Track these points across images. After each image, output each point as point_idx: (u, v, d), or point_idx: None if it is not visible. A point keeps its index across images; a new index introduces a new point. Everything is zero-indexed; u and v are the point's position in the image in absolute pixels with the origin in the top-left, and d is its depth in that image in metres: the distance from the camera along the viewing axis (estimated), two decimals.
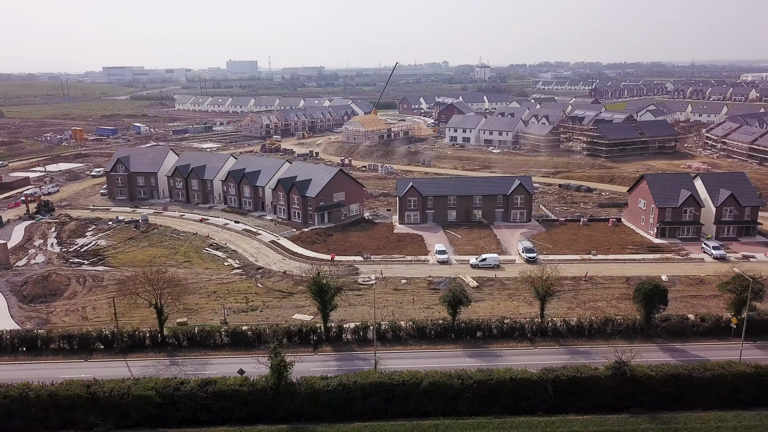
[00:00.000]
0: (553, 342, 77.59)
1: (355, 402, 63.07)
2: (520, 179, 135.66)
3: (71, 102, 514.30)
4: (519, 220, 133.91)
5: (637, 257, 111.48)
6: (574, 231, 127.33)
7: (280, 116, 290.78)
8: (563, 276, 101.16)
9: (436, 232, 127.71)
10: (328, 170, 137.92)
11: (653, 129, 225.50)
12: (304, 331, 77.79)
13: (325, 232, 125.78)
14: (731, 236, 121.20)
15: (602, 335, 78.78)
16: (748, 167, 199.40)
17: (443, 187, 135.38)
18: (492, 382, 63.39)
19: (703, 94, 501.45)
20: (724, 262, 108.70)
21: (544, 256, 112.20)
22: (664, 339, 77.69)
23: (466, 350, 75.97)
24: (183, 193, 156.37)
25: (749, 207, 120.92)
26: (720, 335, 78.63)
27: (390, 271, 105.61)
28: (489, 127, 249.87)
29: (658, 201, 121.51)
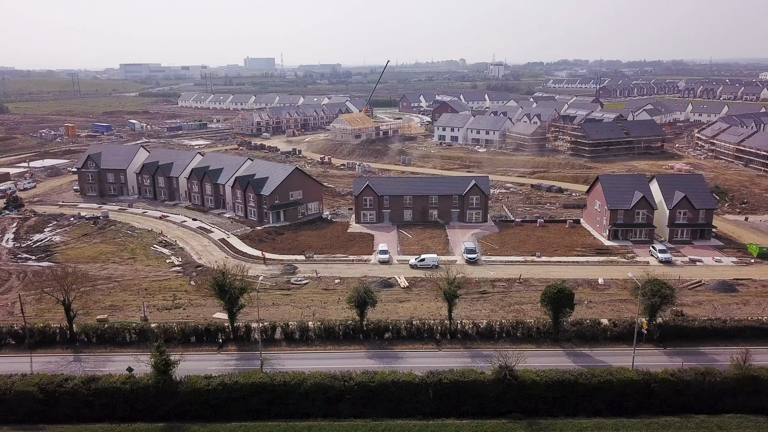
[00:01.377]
0: (459, 345, 76.94)
1: (237, 402, 63.18)
2: (475, 179, 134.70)
3: (80, 98, 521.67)
4: (475, 221, 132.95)
5: (581, 259, 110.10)
6: (528, 232, 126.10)
7: (272, 114, 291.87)
8: (498, 278, 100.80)
9: (389, 231, 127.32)
10: (284, 168, 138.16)
11: (640, 129, 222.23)
12: (213, 330, 77.97)
13: (276, 231, 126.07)
14: (685, 239, 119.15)
15: (511, 339, 77.86)
16: (733, 168, 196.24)
17: (399, 187, 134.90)
18: (373, 385, 63.08)
19: (714, 93, 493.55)
20: (669, 265, 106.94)
21: (486, 257, 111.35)
22: (573, 344, 76.60)
23: (371, 351, 75.64)
24: (150, 190, 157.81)
25: (704, 210, 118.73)
26: (630, 340, 77.18)
27: (328, 270, 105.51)
28: (476, 126, 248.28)
29: (610, 203, 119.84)
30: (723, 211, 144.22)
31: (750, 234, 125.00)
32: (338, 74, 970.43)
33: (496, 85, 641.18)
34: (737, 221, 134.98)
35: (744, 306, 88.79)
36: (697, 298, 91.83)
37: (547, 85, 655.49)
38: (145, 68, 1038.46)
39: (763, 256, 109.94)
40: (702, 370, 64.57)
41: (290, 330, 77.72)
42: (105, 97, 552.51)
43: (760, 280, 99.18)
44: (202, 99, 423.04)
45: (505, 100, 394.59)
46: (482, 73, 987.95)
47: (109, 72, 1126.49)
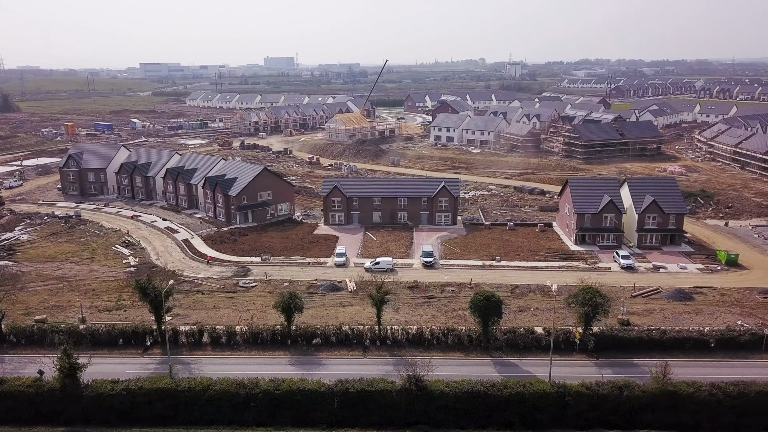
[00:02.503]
0: (387, 352, 75.23)
1: (142, 407, 62.37)
2: (444, 182, 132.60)
3: (93, 97, 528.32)
4: (444, 223, 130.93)
5: (541, 264, 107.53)
6: (495, 236, 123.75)
7: (270, 113, 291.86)
8: (450, 282, 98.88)
9: (356, 234, 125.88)
10: (253, 169, 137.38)
11: (636, 130, 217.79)
12: (140, 333, 77.29)
13: (239, 232, 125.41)
14: (654, 244, 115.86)
15: (441, 346, 76.02)
16: (729, 171, 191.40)
17: (368, 188, 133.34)
18: (278, 393, 61.79)
19: (730, 93, 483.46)
20: (631, 272, 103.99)
21: (444, 261, 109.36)
22: (504, 353, 74.44)
23: (295, 358, 74.34)
24: (129, 189, 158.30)
25: (674, 215, 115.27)
26: (564, 350, 74.93)
27: (281, 273, 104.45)
28: (471, 127, 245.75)
29: (577, 206, 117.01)
30: (705, 216, 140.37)
31: (725, 240, 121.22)
32: (354, 74, 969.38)
33: (509, 84, 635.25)
34: (716, 226, 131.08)
35: (696, 316, 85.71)
36: (650, 307, 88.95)
37: (562, 85, 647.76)
38: (164, 68, 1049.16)
39: (731, 263, 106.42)
40: (620, 384, 62.14)
41: (217, 334, 76.63)
42: (119, 96, 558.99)
43: (721, 288, 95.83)
44: (210, 98, 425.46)
45: (511, 100, 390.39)
46: (499, 73, 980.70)
47: (130, 71, 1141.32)
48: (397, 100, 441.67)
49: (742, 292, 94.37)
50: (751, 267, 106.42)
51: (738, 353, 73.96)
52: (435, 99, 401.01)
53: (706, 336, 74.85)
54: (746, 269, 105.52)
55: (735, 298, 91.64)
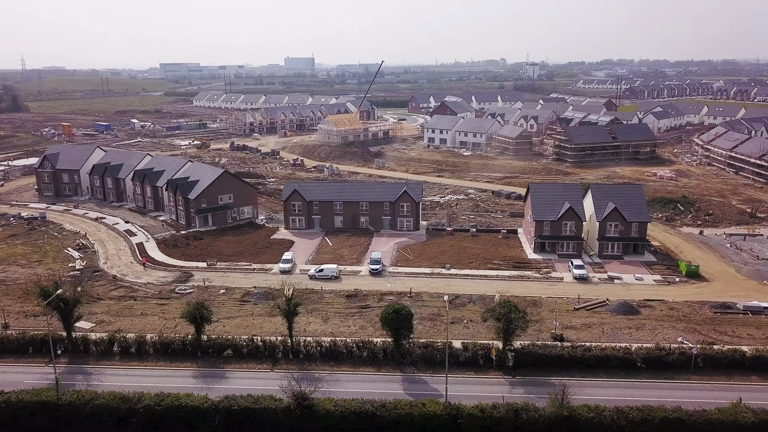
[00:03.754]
0: (296, 365, 72.43)
1: (23, 420, 60.49)
2: (406, 186, 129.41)
3: (105, 97, 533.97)
4: (406, 229, 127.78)
5: (491, 273, 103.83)
6: (455, 242, 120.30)
7: (266, 114, 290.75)
8: (390, 291, 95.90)
9: (313, 239, 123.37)
10: (214, 171, 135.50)
11: (629, 133, 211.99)
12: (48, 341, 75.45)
13: (194, 236, 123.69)
14: (616, 254, 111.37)
15: (354, 360, 73.04)
16: (722, 176, 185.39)
17: (329, 192, 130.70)
18: (160, 408, 59.45)
19: (748, 94, 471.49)
20: (584, 282, 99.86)
21: (393, 269, 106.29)
22: (417, 368, 71.18)
23: (201, 370, 71.95)
24: (101, 191, 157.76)
25: (636, 223, 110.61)
26: (482, 367, 71.49)
27: (222, 279, 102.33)
28: (464, 129, 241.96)
29: (536, 213, 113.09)
30: (682, 223, 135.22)
31: (694, 250, 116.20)
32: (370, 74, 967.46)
33: (522, 85, 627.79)
34: (690, 235, 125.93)
35: (636, 331, 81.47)
36: (590, 320, 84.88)
37: (577, 86, 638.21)
38: (183, 68, 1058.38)
39: (691, 274, 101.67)
40: (518, 406, 58.62)
41: (127, 344, 74.61)
42: (132, 96, 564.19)
43: (672, 302, 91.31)
44: (215, 99, 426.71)
45: (518, 100, 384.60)
46: (517, 73, 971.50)
47: (151, 72, 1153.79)
48: (402, 101, 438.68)
49: (693, 306, 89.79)
50: (713, 279, 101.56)
51: (665, 373, 69.76)
52: (439, 100, 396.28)
53: (632, 354, 70.68)
54: (706, 281, 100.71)
55: (684, 313, 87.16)
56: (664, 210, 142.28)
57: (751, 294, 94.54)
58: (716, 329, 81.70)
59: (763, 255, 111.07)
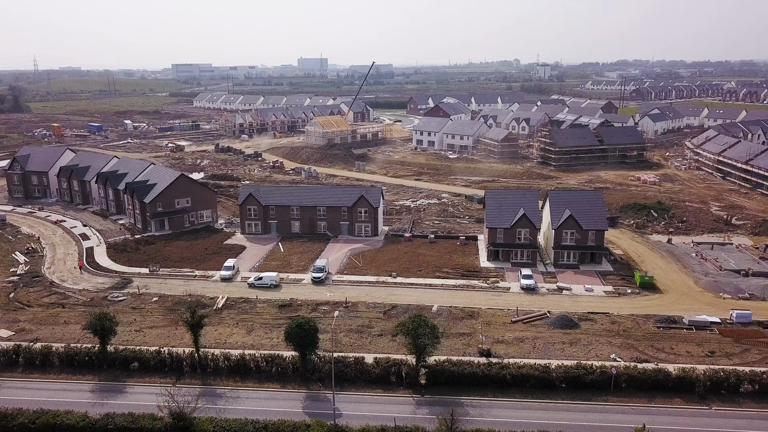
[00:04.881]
0: (199, 380, 69.63)
1: None
2: (363, 191, 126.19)
3: (109, 98, 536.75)
4: (364, 234, 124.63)
5: (437, 282, 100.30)
6: (410, 249, 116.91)
7: (256, 115, 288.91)
8: (326, 301, 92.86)
9: (266, 244, 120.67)
10: (171, 174, 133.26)
11: (617, 137, 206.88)
12: None
13: (146, 240, 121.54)
14: (572, 263, 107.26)
15: (261, 375, 70.08)
16: (709, 181, 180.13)
17: (286, 197, 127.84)
18: (34, 426, 57.21)
19: (758, 96, 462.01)
20: (531, 293, 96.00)
21: (338, 277, 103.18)
22: (324, 385, 67.95)
23: (102, 384, 69.35)
24: (68, 193, 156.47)
25: (593, 231, 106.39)
26: (393, 384, 68.16)
27: (162, 286, 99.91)
28: (452, 131, 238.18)
29: (489, 220, 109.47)
30: (654, 230, 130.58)
31: (657, 259, 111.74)
32: (380, 74, 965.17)
33: (529, 86, 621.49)
34: (658, 243, 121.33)
35: (569, 346, 77.62)
36: (524, 334, 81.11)
37: (585, 87, 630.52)
38: (195, 68, 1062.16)
39: (645, 285, 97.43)
40: (407, 430, 55.19)
41: (32, 355, 72.27)
42: (138, 97, 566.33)
43: (617, 314, 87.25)
44: (215, 99, 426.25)
45: (518, 102, 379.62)
46: (529, 74, 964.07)
47: (164, 72, 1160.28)
48: (401, 102, 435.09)
49: (638, 319, 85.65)
50: (668, 291, 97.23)
51: (584, 394, 65.90)
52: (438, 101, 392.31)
53: (550, 373, 66.90)
54: (660, 293, 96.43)
55: (625, 327, 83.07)
56: (636, 216, 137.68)
57: (703, 307, 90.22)
58: (654, 345, 77.63)
59: (727, 266, 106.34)
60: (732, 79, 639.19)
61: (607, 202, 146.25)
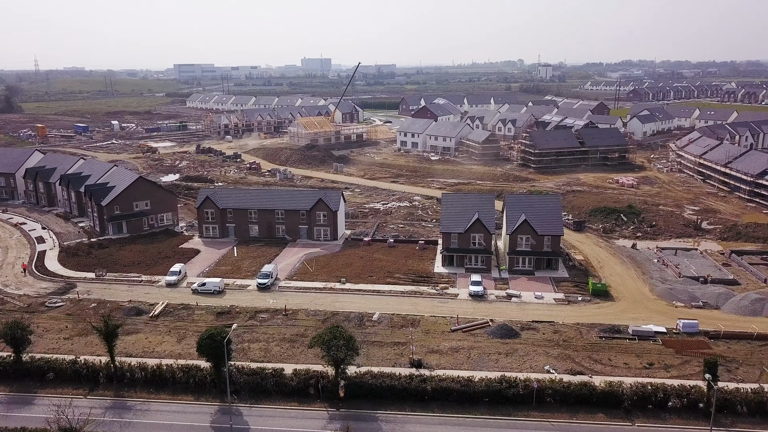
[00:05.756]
0: (112, 392, 67.53)
1: None
2: (322, 194, 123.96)
3: (106, 98, 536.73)
4: (323, 238, 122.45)
5: (385, 289, 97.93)
6: (366, 253, 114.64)
7: (242, 116, 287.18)
8: (267, 308, 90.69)
9: (221, 248, 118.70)
10: (129, 176, 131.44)
11: (598, 138, 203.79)
12: None
13: (100, 244, 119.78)
14: (527, 269, 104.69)
15: (177, 387, 67.97)
16: (689, 183, 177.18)
17: (244, 200, 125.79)
18: None
19: (756, 97, 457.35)
20: (479, 300, 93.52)
21: (286, 282, 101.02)
22: (240, 398, 65.76)
23: (12, 395, 67.36)
24: (34, 195, 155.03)
25: (549, 236, 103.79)
26: (309, 397, 65.91)
27: (103, 292, 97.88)
28: (435, 133, 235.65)
29: (443, 224, 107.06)
30: (621, 235, 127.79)
31: (617, 265, 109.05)
32: (381, 75, 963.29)
33: (529, 87, 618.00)
34: (622, 248, 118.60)
35: (504, 357, 75.22)
36: (461, 344, 78.69)
37: (585, 87, 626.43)
38: (198, 68, 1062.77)
39: (598, 293, 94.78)
40: None
41: None
42: (135, 97, 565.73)
43: (562, 323, 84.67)
44: (207, 100, 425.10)
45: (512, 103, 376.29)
46: (531, 74, 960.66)
47: (167, 72, 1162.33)
48: (394, 103, 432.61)
49: (582, 329, 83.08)
50: (621, 298, 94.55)
51: (505, 408, 63.49)
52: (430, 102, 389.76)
53: (472, 386, 64.47)
54: (613, 300, 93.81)
55: (567, 337, 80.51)
56: (605, 220, 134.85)
57: (653, 316, 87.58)
58: (592, 356, 75.12)
59: (687, 272, 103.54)
60: (734, 80, 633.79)
61: (577, 206, 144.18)
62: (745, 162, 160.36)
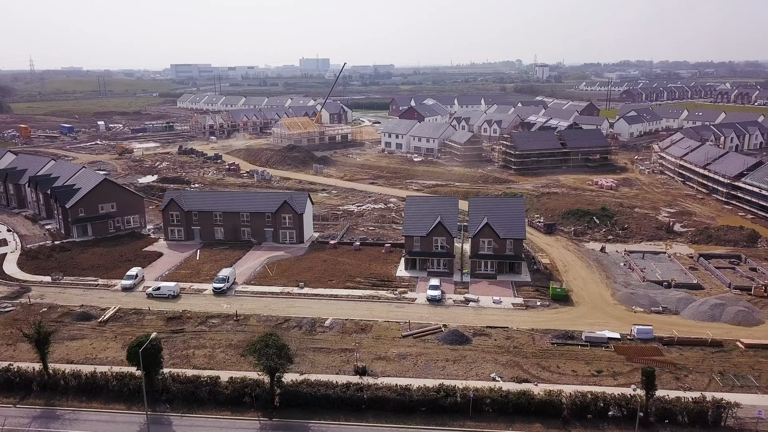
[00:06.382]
0: (43, 400, 66.06)
1: None
2: (287, 197, 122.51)
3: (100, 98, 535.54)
4: (289, 241, 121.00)
5: (342, 293, 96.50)
6: (331, 257, 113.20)
7: (227, 117, 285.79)
8: (219, 313, 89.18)
9: (184, 251, 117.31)
10: (95, 178, 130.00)
11: (579, 140, 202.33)
12: None
13: (61, 247, 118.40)
14: (489, 272, 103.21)
15: (110, 395, 66.47)
16: (669, 185, 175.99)
17: (209, 202, 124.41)
18: None
19: (749, 97, 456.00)
20: (436, 305, 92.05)
21: (244, 287, 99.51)
22: (172, 407, 64.30)
23: None
24: (5, 197, 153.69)
25: (511, 240, 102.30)
26: (243, 406, 64.45)
27: (57, 296, 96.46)
28: (418, 134, 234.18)
29: (406, 228, 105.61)
30: (592, 238, 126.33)
31: (582, 269, 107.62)
32: (379, 75, 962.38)
33: (523, 87, 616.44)
34: (591, 251, 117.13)
35: (451, 364, 73.80)
36: (410, 350, 77.25)
37: (579, 88, 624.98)
38: (194, 68, 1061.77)
39: (557, 298, 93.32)
40: None
41: None
42: (129, 97, 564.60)
43: (516, 329, 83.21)
44: (197, 101, 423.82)
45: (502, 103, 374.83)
46: (527, 74, 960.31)
47: (164, 72, 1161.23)
48: (384, 104, 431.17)
49: (535, 335, 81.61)
50: (581, 303, 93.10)
51: (441, 418, 62.09)
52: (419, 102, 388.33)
53: (408, 396, 63.00)
54: (572, 305, 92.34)
55: (518, 343, 79.05)
56: (578, 223, 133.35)
57: (610, 322, 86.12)
58: (541, 364, 73.69)
59: (652, 276, 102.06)
60: (728, 80, 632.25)
61: (551, 208, 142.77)
62: (724, 164, 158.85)
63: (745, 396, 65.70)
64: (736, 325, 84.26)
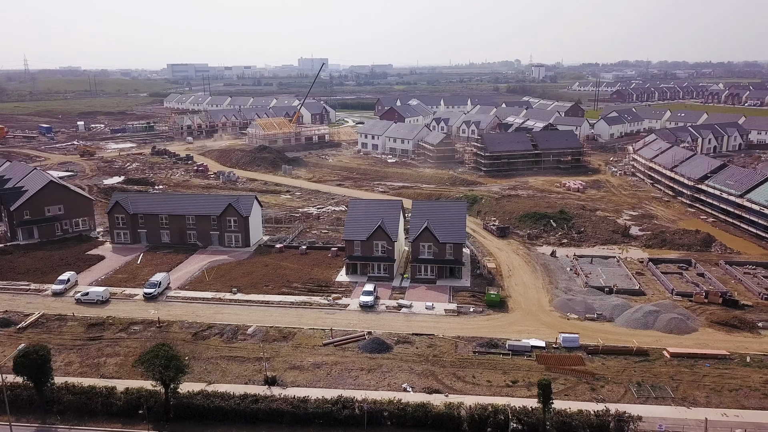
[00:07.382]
0: None
1: None
2: (231, 200, 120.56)
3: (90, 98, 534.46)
4: (235, 245, 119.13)
5: (275, 299, 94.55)
6: (273, 261, 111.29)
7: (206, 117, 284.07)
8: (143, 319, 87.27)
9: (129, 255, 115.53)
10: (41, 180, 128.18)
11: (552, 141, 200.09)
12: None
13: (3, 250, 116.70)
14: (429, 277, 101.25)
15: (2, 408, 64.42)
16: (638, 187, 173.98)
17: (155, 205, 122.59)
18: None
19: (740, 98, 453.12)
20: (368, 311, 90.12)
21: (176, 293, 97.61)
22: (63, 418, 62.40)
23: None
24: None
25: (451, 244, 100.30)
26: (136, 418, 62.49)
27: None
28: (394, 135, 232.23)
29: (347, 232, 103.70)
30: (546, 242, 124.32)
31: (526, 273, 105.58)
32: (375, 75, 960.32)
33: (517, 87, 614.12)
34: (541, 255, 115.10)
35: (366, 374, 71.90)
36: (326, 359, 75.34)
37: (573, 88, 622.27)
38: (191, 68, 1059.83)
39: (492, 304, 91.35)
40: None
41: None
42: (119, 97, 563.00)
43: (442, 336, 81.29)
44: (184, 101, 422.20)
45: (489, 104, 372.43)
46: (525, 75, 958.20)
47: (161, 72, 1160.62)
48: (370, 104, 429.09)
49: (460, 342, 79.64)
50: (516, 309, 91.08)
51: (336, 431, 60.03)
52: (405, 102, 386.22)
53: (303, 408, 61.07)
54: (506, 312, 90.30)
55: (438, 352, 77.10)
56: (534, 226, 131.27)
57: (541, 329, 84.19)
58: (457, 373, 71.76)
59: (595, 282, 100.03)
60: (722, 81, 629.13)
61: (509, 211, 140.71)
62: (690, 166, 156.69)
63: (657, 408, 63.77)
64: (668, 333, 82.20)
